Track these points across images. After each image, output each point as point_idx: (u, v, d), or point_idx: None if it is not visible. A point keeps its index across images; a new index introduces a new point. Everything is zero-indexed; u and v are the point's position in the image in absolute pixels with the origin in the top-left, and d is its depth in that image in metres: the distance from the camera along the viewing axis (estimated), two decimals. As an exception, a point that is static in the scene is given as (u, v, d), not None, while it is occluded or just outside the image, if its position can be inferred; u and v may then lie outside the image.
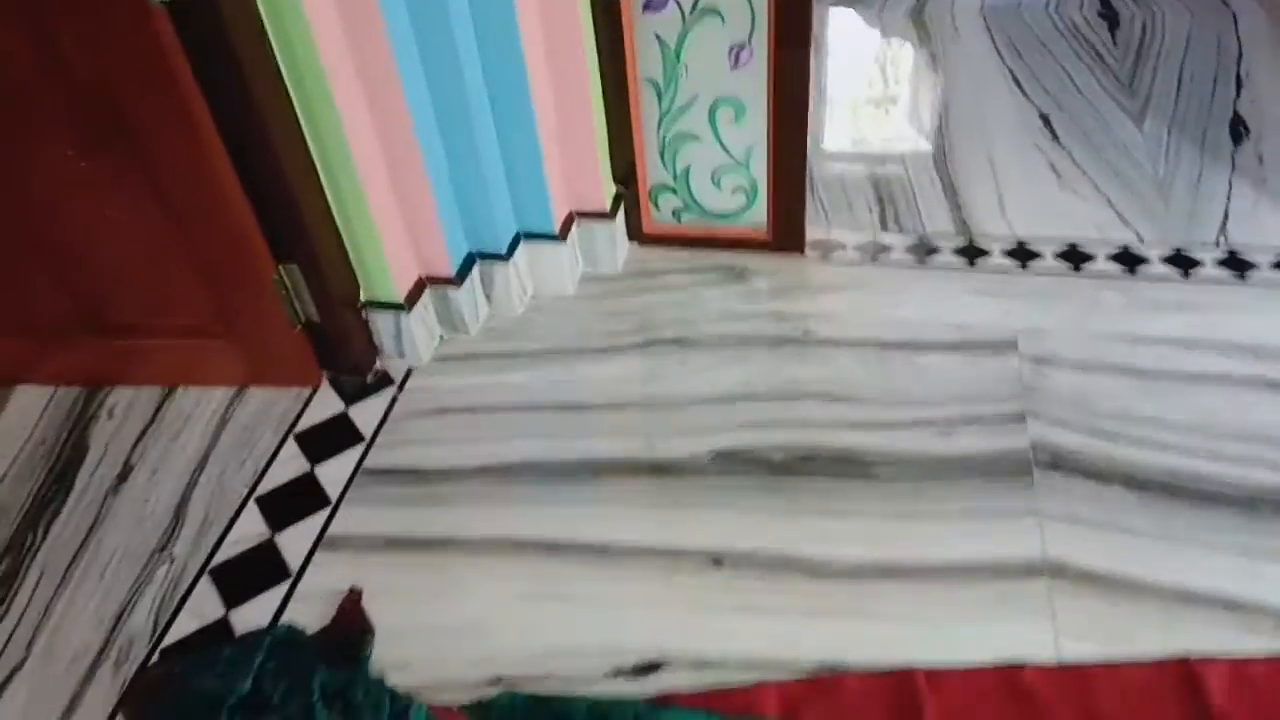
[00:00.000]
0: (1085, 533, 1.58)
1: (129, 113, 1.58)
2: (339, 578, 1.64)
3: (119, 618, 1.62)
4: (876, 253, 2.19)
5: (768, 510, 1.68)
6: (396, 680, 1.46)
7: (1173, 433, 1.72)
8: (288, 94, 1.63)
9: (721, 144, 2.05)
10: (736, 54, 1.91)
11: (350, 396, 1.98)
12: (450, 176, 1.88)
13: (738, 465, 1.76)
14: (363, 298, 1.94)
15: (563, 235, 2.08)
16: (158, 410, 1.98)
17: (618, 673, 1.47)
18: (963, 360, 1.91)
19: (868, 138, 2.63)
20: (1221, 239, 2.13)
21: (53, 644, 1.58)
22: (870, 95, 2.81)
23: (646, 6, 1.89)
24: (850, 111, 2.74)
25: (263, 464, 1.85)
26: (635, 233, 2.23)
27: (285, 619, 1.58)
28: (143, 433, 1.94)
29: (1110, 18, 2.97)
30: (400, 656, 1.51)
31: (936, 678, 1.42)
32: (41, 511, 1.80)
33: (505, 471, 1.79)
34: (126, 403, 2.00)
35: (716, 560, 1.61)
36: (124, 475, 1.86)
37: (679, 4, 1.88)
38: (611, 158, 2.07)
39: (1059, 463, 1.69)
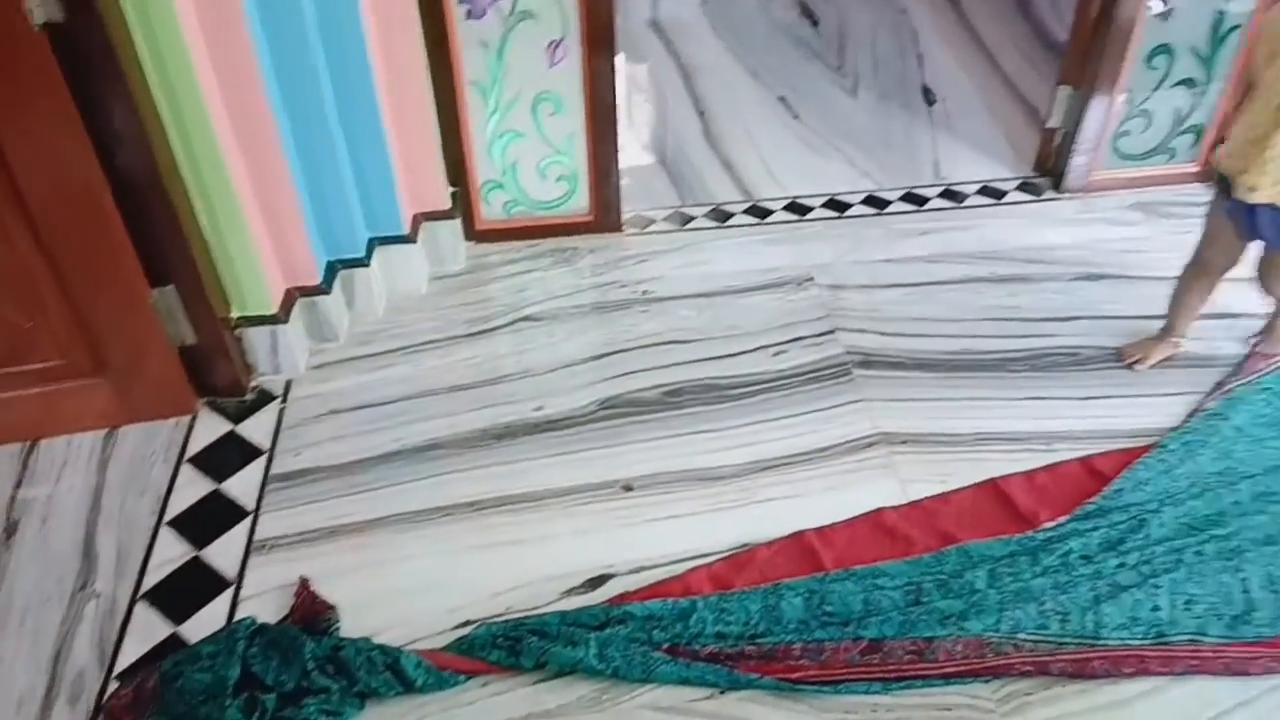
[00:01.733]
0: (901, 407, 2.01)
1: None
2: (281, 575, 1.71)
3: (57, 657, 1.60)
4: (684, 222, 2.54)
5: (656, 438, 1.96)
6: (376, 642, 1.59)
7: (941, 324, 2.20)
8: (158, 110, 1.68)
9: (544, 137, 2.30)
10: (553, 51, 2.17)
11: (234, 416, 2.02)
12: (310, 187, 1.99)
13: (620, 408, 2.03)
14: (235, 315, 1.99)
15: (412, 236, 2.24)
16: (24, 465, 1.91)
17: (571, 591, 1.69)
18: (776, 296, 2.30)
19: (650, 128, 2.99)
20: (938, 177, 2.69)
21: (-8, 698, 1.54)
22: (642, 92, 3.18)
23: (469, 14, 2.10)
24: (629, 107, 3.09)
25: (163, 492, 1.86)
26: (470, 230, 2.42)
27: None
28: (16, 487, 1.87)
29: (810, 16, 3.55)
30: (369, 625, 1.62)
31: (824, 533, 1.77)
32: (-74, 583, 1.71)
33: (414, 452, 1.94)
34: (-19, 464, 1.91)
35: (627, 486, 1.87)
36: (11, 530, 1.79)
37: (498, 10, 2.10)
38: (447, 159, 2.26)
39: (868, 361, 2.12)
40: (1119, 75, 2.36)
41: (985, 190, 2.62)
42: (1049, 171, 2.60)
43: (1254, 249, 1.90)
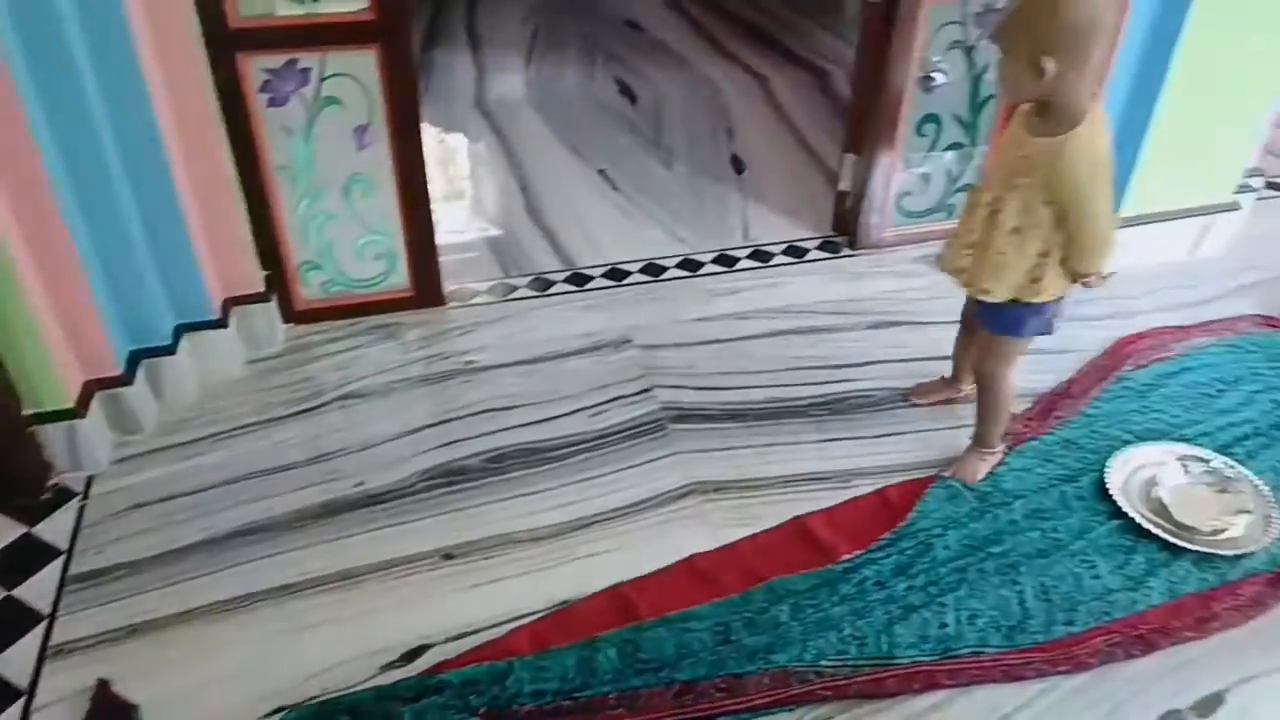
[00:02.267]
0: (713, 457, 2.11)
1: None
2: (81, 679, 1.65)
3: None
4: (507, 293, 2.61)
5: (478, 505, 1.99)
6: (182, 738, 1.54)
7: (749, 376, 2.33)
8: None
9: (359, 218, 2.34)
10: (361, 136, 2.23)
11: (31, 518, 1.93)
12: (106, 279, 1.96)
13: (442, 478, 2.05)
14: (28, 411, 1.92)
15: (223, 321, 2.22)
16: None
17: (388, 666, 1.69)
18: (595, 359, 2.38)
19: (474, 204, 3.07)
20: (747, 239, 2.86)
21: None
22: (465, 171, 3.26)
23: (272, 102, 2.14)
24: (452, 184, 3.17)
25: (-51, 602, 1.76)
26: (289, 312, 2.42)
27: (34, 731, 1.56)
28: None
29: (628, 93, 3.74)
30: (176, 720, 1.58)
31: (639, 584, 1.83)
32: None
33: (226, 540, 1.90)
34: None
35: (447, 555, 1.88)
36: None
37: (301, 97, 2.15)
38: (259, 242, 2.26)
39: (683, 415, 2.22)
40: (895, 142, 2.59)
41: (790, 250, 2.80)
42: (845, 231, 2.81)
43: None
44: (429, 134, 3.46)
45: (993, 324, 1.88)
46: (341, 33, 2.08)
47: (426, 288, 2.50)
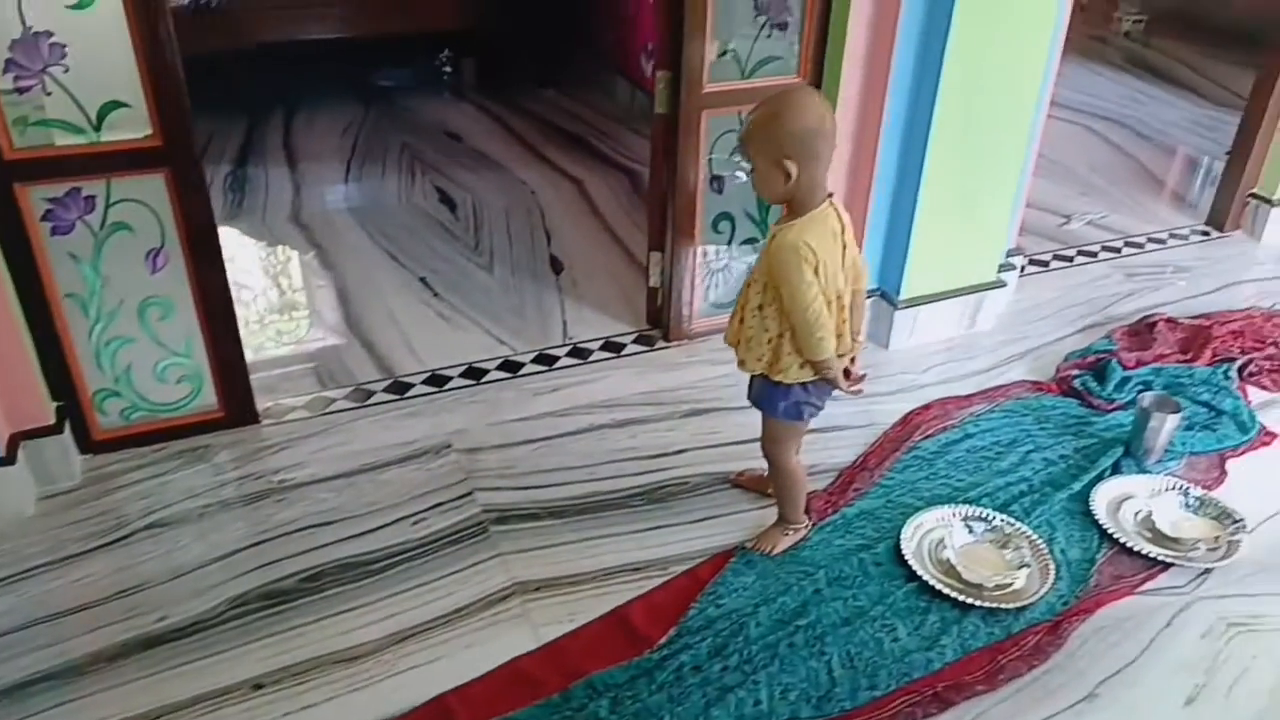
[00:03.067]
0: (535, 556, 2.13)
1: None
2: None
3: None
4: (324, 406, 2.59)
5: (291, 629, 1.94)
6: None
7: (569, 472, 2.38)
8: None
9: (158, 341, 2.29)
10: (154, 259, 2.20)
11: None
12: None
13: (252, 604, 1.99)
14: None
15: (9, 459, 2.11)
16: None
17: (194, 810, 1.60)
18: (415, 467, 2.38)
19: (291, 319, 3.04)
20: (567, 338, 2.95)
21: None
22: (280, 285, 3.24)
23: (54, 231, 2.09)
24: (268, 298, 3.13)
25: None
26: (87, 442, 2.32)
27: None
28: None
29: (448, 201, 3.83)
30: None
31: (462, 692, 1.82)
32: None
33: (13, 692, 1.78)
34: None
35: (256, 685, 1.82)
36: None
37: (86, 223, 2.11)
38: (48, 374, 2.17)
39: (504, 516, 2.24)
40: (694, 239, 2.76)
41: (607, 345, 2.91)
42: (658, 324, 2.95)
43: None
44: (243, 250, 3.45)
45: (755, 400, 2.05)
46: (126, 160, 2.07)
47: (237, 407, 2.45)
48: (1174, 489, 2.33)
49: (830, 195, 1.84)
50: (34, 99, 1.97)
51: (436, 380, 2.72)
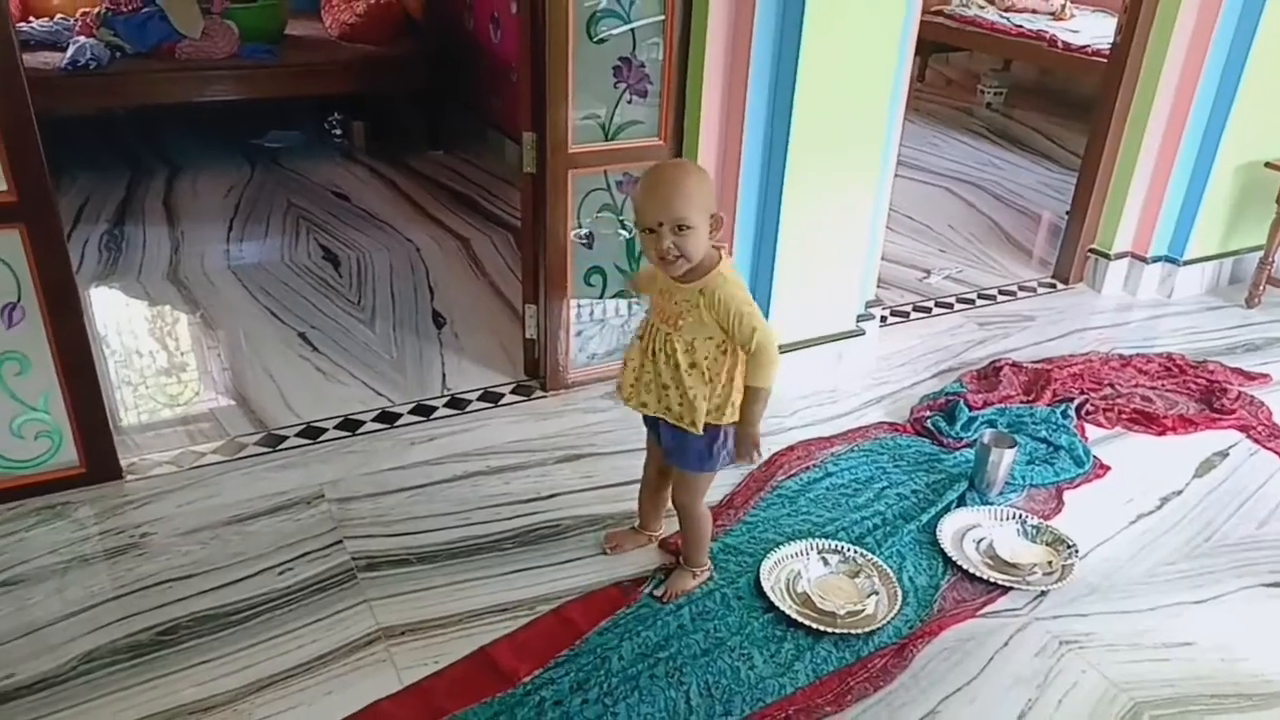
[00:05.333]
0: (402, 601, 2.15)
1: None
2: None
3: None
4: (193, 461, 2.56)
5: (140, 683, 1.91)
6: None
7: (441, 518, 2.42)
8: None
9: (14, 396, 2.25)
10: (9, 314, 2.18)
11: None
12: None
13: (103, 659, 1.95)
14: None
15: None
16: None
17: None
18: (284, 517, 2.38)
19: (159, 375, 3.01)
20: (445, 389, 2.99)
21: None
22: (153, 342, 3.20)
23: (-100, 287, 2.06)
24: (139, 355, 3.09)
25: None
26: (-66, 500, 2.25)
27: None
28: None
29: (332, 258, 3.86)
30: None
31: (321, 738, 1.81)
32: None
33: None
34: None
35: (103, 741, 1.78)
36: None
37: (-64, 280, 2.09)
38: (-107, 431, 2.12)
39: (373, 563, 2.25)
40: (566, 292, 2.86)
41: (485, 396, 2.96)
42: (535, 375, 3.02)
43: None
44: (114, 307, 3.41)
45: (678, 458, 2.08)
46: (-20, 218, 2.07)
47: (99, 462, 2.42)
48: (1013, 518, 2.49)
49: None
50: (-114, 153, 1.97)
51: (311, 432, 2.73)
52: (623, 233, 2.87)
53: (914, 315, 3.65)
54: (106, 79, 4.39)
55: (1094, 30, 6.27)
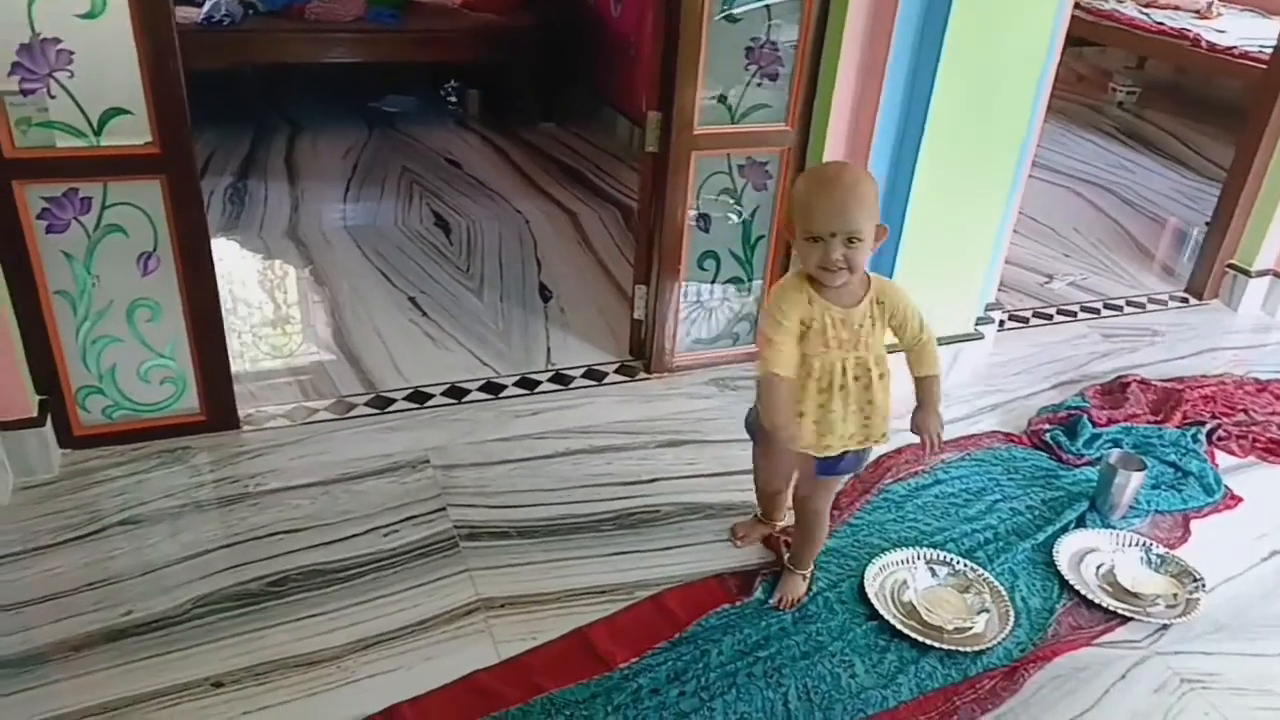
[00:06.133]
0: (501, 573, 2.15)
1: None
2: None
3: None
4: (305, 417, 2.62)
5: (253, 630, 1.95)
6: None
7: (543, 494, 2.41)
8: None
9: (144, 342, 2.32)
10: (145, 262, 2.24)
11: None
12: None
13: (217, 604, 2.00)
14: None
15: (-11, 447, 2.14)
16: None
17: (143, 805, 1.61)
18: (391, 479, 2.41)
19: (279, 329, 3.08)
20: (550, 364, 2.99)
21: None
22: (271, 297, 3.28)
23: (49, 229, 2.13)
24: (258, 309, 3.17)
25: None
26: (66, 437, 2.34)
27: None
28: None
29: (443, 225, 3.89)
30: None
31: (418, 703, 1.83)
32: None
33: (-31, 677, 1.79)
34: None
35: (216, 683, 1.83)
36: None
37: (81, 224, 2.16)
38: (33, 367, 2.20)
39: (475, 533, 2.26)
40: (679, 275, 2.81)
41: (589, 373, 2.95)
42: (640, 356, 2.99)
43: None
44: (237, 260, 3.50)
45: (832, 469, 1.97)
46: (124, 165, 2.12)
47: (219, 411, 2.48)
48: (1137, 545, 2.36)
49: None
50: (38, 101, 2.03)
51: (418, 397, 2.76)
52: (732, 217, 2.81)
53: (1034, 321, 3.50)
54: (238, 35, 4.51)
55: (1242, 31, 5.91)
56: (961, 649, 2.02)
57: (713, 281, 2.88)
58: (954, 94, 2.54)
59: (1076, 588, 2.22)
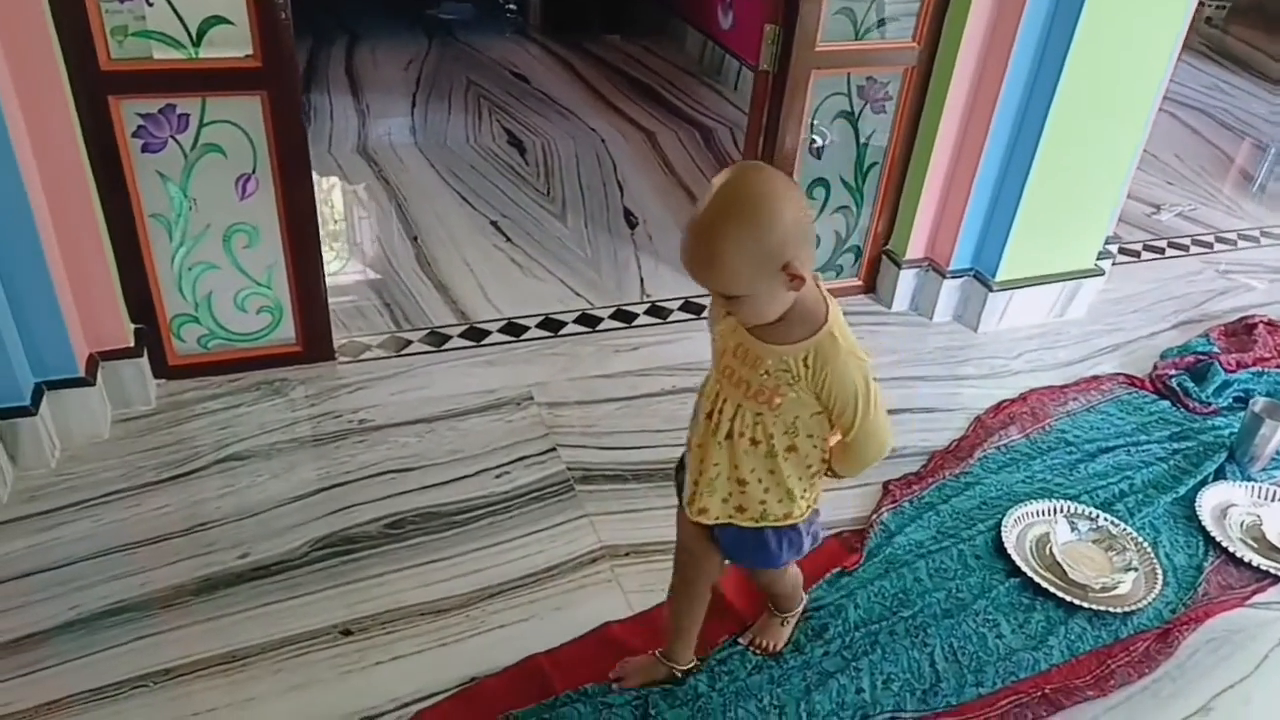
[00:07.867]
0: (621, 519, 2.06)
1: None
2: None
3: None
4: (400, 347, 2.51)
5: (376, 575, 1.87)
6: None
7: (651, 435, 2.30)
8: None
9: (240, 269, 2.20)
10: (244, 184, 2.10)
11: None
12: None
13: (336, 547, 1.92)
14: None
15: (89, 378, 2.04)
16: None
17: (284, 758, 1.55)
18: (495, 417, 2.31)
19: (363, 255, 2.95)
20: (645, 295, 2.85)
21: None
22: (350, 220, 3.14)
23: (145, 148, 1.99)
24: (341, 231, 3.04)
25: None
26: (161, 367, 2.24)
27: None
28: None
29: (517, 143, 3.71)
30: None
31: (553, 655, 1.75)
32: None
33: (96, 619, 1.73)
34: None
35: (345, 631, 1.76)
36: None
37: (178, 142, 2.02)
38: (128, 296, 2.09)
39: (588, 476, 2.17)
40: (789, 203, 2.65)
41: (686, 306, 2.81)
42: (740, 287, 2.84)
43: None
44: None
45: (742, 560, 1.62)
46: (224, 79, 1.97)
47: (315, 342, 2.37)
48: (1278, 499, 2.24)
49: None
50: (135, 8, 1.87)
51: (513, 329, 2.64)
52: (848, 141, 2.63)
53: (1145, 255, 3.32)
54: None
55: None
56: (1111, 609, 1.93)
57: (821, 211, 2.72)
58: (1100, 19, 2.33)
59: (1223, 544, 2.11)
